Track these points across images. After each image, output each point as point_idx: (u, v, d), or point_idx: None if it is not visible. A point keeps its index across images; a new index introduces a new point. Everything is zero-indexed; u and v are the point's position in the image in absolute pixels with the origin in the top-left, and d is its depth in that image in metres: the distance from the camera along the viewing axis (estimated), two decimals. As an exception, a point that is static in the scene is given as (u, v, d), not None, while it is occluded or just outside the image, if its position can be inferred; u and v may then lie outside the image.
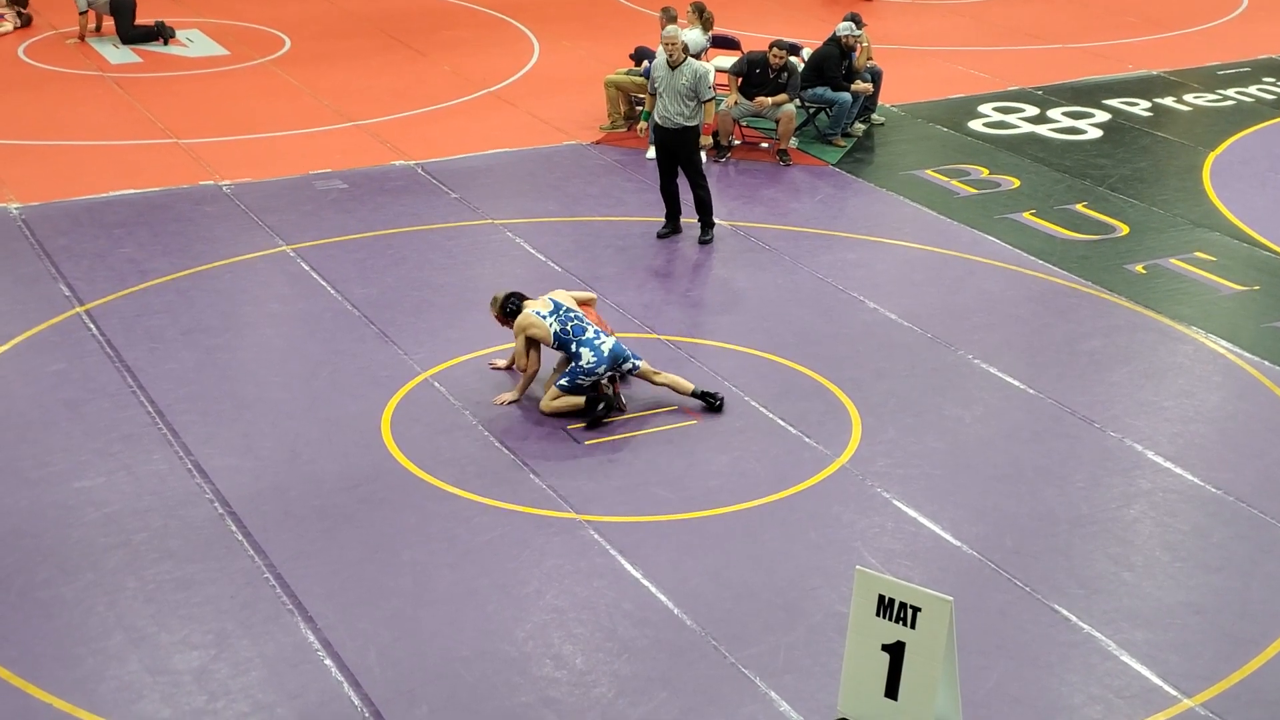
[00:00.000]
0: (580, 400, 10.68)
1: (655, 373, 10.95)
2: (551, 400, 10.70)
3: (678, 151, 13.78)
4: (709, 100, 13.68)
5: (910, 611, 7.18)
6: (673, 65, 13.58)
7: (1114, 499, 10.02)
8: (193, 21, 20.69)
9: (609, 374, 10.76)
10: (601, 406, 10.65)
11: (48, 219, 13.90)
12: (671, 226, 14.07)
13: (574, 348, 10.66)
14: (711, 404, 10.88)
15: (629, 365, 10.82)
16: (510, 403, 10.85)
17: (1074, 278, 13.45)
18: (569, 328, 10.71)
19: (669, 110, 13.64)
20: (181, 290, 12.58)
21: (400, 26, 20.99)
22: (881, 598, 7.25)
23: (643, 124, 13.95)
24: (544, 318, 10.75)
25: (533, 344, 10.83)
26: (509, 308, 10.96)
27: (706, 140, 13.55)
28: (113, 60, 18.91)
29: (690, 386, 10.95)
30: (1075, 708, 8.05)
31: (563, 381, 10.70)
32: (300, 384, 11.19)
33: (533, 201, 14.88)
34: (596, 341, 10.68)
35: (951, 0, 23.30)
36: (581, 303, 11.18)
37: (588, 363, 10.61)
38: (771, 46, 16.12)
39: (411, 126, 16.83)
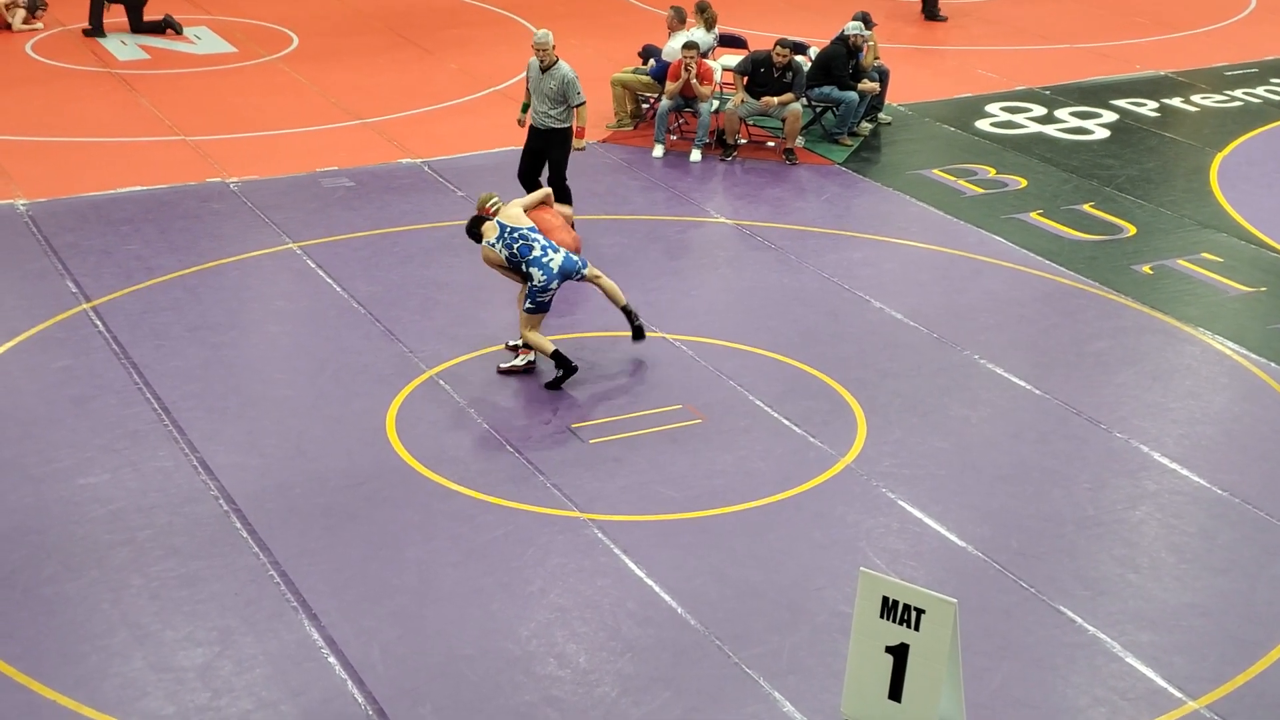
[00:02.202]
0: (549, 347, 11.13)
1: (598, 275, 11.44)
2: (525, 327, 11.18)
3: (545, 152, 13.84)
4: (579, 105, 13.66)
5: (914, 613, 7.17)
6: (544, 69, 13.62)
7: (1120, 500, 10.01)
8: (201, 18, 20.70)
9: (560, 287, 11.24)
10: (560, 374, 11.12)
11: (54, 215, 13.91)
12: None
13: (524, 268, 11.08)
14: (632, 321, 11.45)
15: (578, 275, 11.28)
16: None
17: (1081, 278, 13.43)
18: (515, 249, 11.10)
19: (539, 111, 13.72)
20: (188, 287, 12.59)
21: (408, 24, 21.00)
22: (885, 599, 7.24)
23: (521, 116, 14.09)
24: (493, 246, 11.19)
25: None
26: (473, 235, 11.48)
27: (580, 144, 13.73)
28: (120, 57, 18.92)
29: (623, 300, 11.47)
30: (1080, 710, 8.04)
31: (528, 304, 11.12)
32: (306, 381, 11.19)
33: (539, 200, 14.86)
34: (544, 259, 11.05)
35: (959, 0, 23.26)
36: (539, 204, 11.75)
37: (539, 281, 11.02)
38: (776, 45, 16.11)
39: (418, 124, 16.83)
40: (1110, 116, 18.07)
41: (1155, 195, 15.58)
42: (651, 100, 16.95)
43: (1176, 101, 18.82)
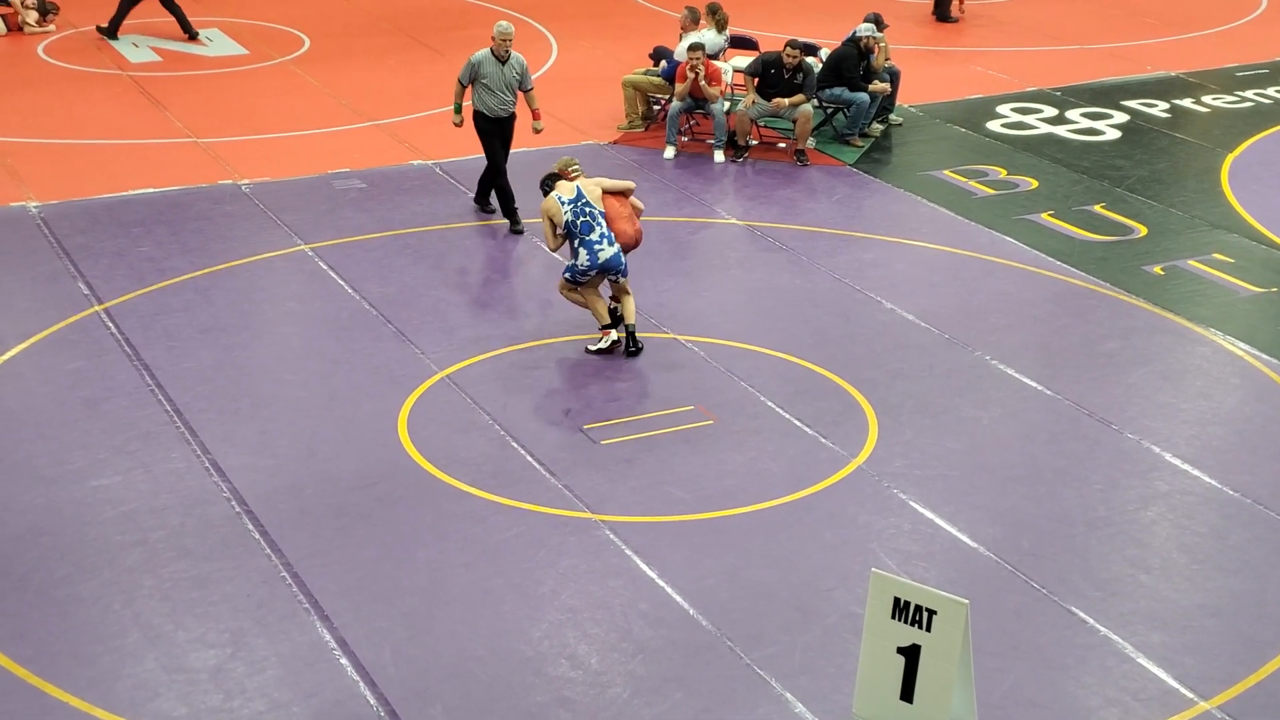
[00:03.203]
0: (603, 310, 11.58)
1: (626, 292, 11.75)
2: (563, 290, 11.71)
3: (508, 139, 14.14)
4: (530, 89, 14.11)
5: (925, 614, 7.18)
6: (503, 60, 13.88)
7: (1131, 501, 10.00)
8: (212, 21, 20.73)
9: (600, 276, 11.63)
10: (605, 344, 11.57)
11: (67, 217, 13.94)
12: (516, 222, 14.12)
13: (575, 243, 11.48)
14: (631, 342, 11.65)
15: (614, 276, 11.64)
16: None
17: (1092, 279, 13.42)
18: (579, 222, 11.47)
19: (501, 102, 13.95)
20: (200, 289, 12.62)
21: (419, 26, 21.02)
22: (897, 600, 7.25)
23: (456, 118, 14.22)
24: (563, 204, 11.51)
25: (556, 226, 11.60)
26: (545, 186, 11.79)
27: (539, 125, 14.32)
28: (132, 59, 18.97)
29: (632, 321, 11.70)
30: (1092, 710, 8.03)
31: (566, 274, 11.64)
32: (317, 383, 11.21)
33: (550, 201, 14.88)
34: (596, 246, 11.42)
35: (970, 1, 23.24)
36: (616, 192, 11.89)
37: (581, 263, 11.48)
38: (786, 46, 16.11)
39: (429, 126, 16.84)
40: (1121, 117, 18.05)
41: (1166, 196, 15.56)
42: (663, 102, 16.96)
43: (1187, 102, 18.80)
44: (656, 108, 17.14)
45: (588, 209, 11.50)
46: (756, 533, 9.48)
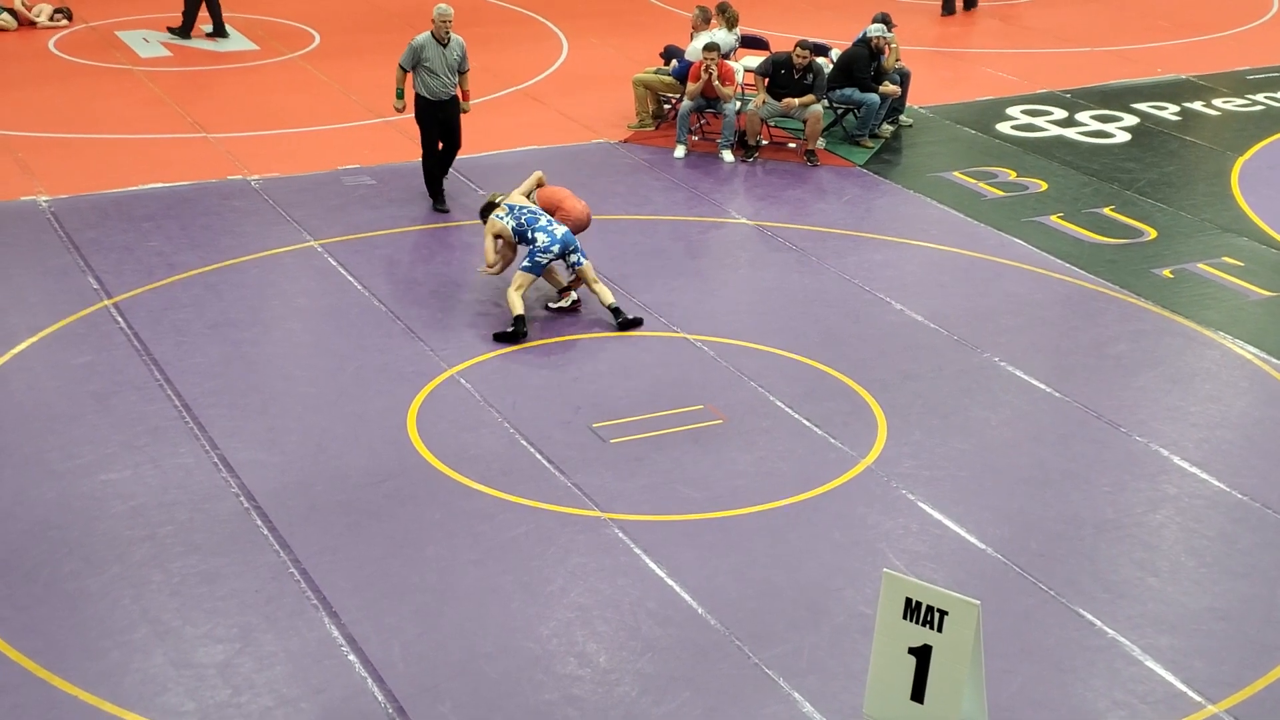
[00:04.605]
0: (519, 309, 11.91)
1: (594, 280, 12.24)
2: (514, 288, 12.04)
3: (449, 121, 14.39)
4: (467, 72, 14.44)
5: (937, 615, 7.17)
6: (444, 43, 14.15)
7: (1140, 503, 9.99)
8: (224, 17, 20.71)
9: (559, 258, 12.18)
10: (510, 332, 11.88)
11: (77, 212, 13.96)
12: (442, 201, 14.52)
13: (530, 234, 12.14)
14: (620, 318, 12.09)
15: (574, 258, 12.16)
16: (489, 269, 12.43)
17: (1101, 281, 13.41)
18: (523, 220, 12.24)
19: (443, 84, 14.20)
20: (209, 284, 12.63)
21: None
22: (909, 601, 7.25)
23: (398, 103, 14.43)
24: (503, 219, 12.29)
25: (500, 239, 12.35)
26: (485, 213, 12.62)
27: (466, 106, 14.68)
28: (142, 54, 18.98)
29: (610, 300, 12.17)
30: (1100, 713, 8.03)
31: (525, 264, 12.09)
32: (326, 379, 11.22)
33: (560, 199, 14.87)
34: (550, 228, 12.17)
35: (980, 3, 23.21)
36: (536, 186, 12.80)
37: (542, 244, 12.07)
38: (796, 46, 16.11)
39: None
40: (1131, 120, 18.03)
41: (1176, 199, 15.55)
42: (673, 101, 16.96)
43: (1197, 105, 18.77)
44: (667, 107, 17.13)
45: (524, 210, 12.30)
46: (765, 532, 9.48)
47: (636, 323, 12.16)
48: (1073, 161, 16.51)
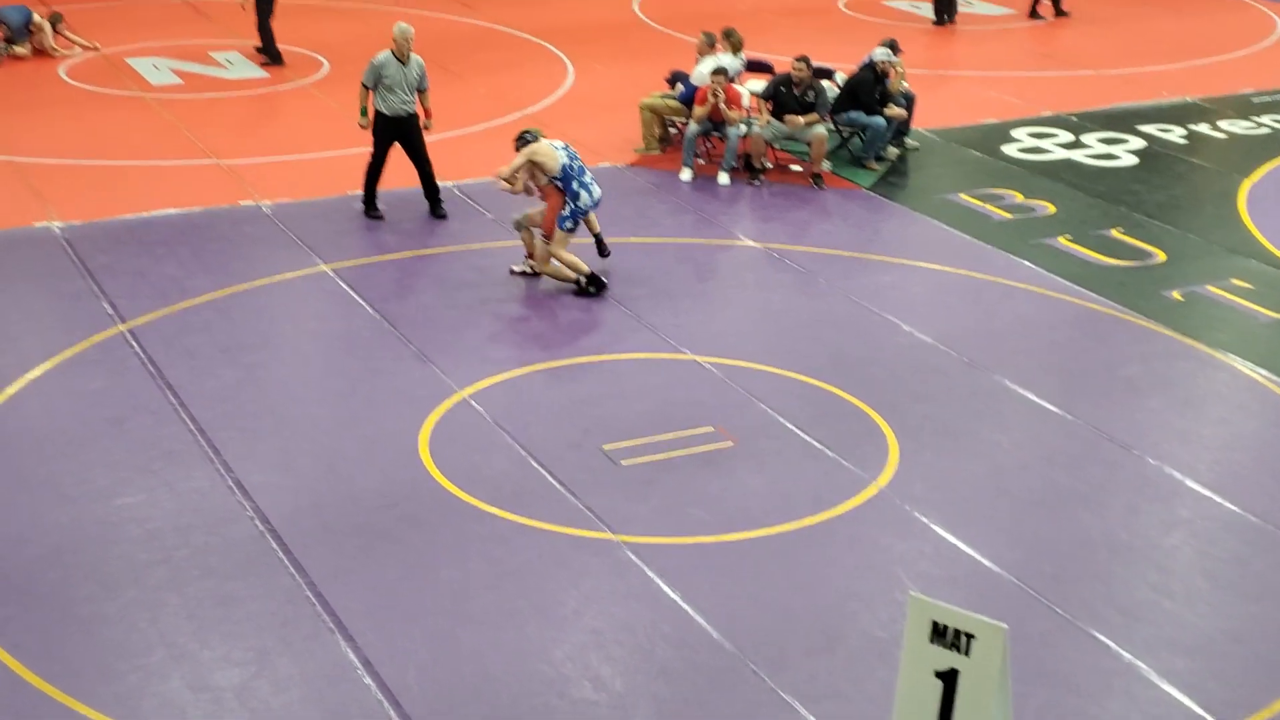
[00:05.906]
0: (583, 266, 12.64)
1: (591, 222, 13.15)
2: (560, 245, 12.65)
3: (408, 137, 14.73)
4: (426, 90, 14.87)
5: (965, 639, 7.16)
6: (404, 61, 14.61)
7: (1153, 526, 10.00)
8: (233, 44, 20.82)
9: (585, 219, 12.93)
10: (589, 284, 12.67)
11: (90, 238, 14.01)
12: (375, 209, 14.85)
13: (574, 186, 12.50)
14: (603, 251, 13.21)
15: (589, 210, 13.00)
16: (507, 186, 12.94)
17: (1111, 303, 13.43)
18: (575, 165, 12.64)
19: (402, 101, 14.62)
20: (222, 308, 12.67)
21: (436, 49, 21.04)
22: (935, 624, 7.23)
23: (362, 120, 14.79)
24: (559, 151, 12.61)
25: (531, 169, 12.66)
26: (525, 138, 12.85)
27: (428, 123, 15.10)
28: (153, 81, 19.06)
29: (598, 229, 13.18)
30: (1115, 735, 8.03)
31: (569, 223, 12.59)
32: (339, 402, 11.25)
33: (569, 223, 14.92)
34: (591, 184, 12.73)
35: (985, 27, 23.31)
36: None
37: (584, 202, 12.63)
38: (794, 62, 16.19)
39: (448, 148, 16.88)
40: (1138, 143, 18.08)
41: (1184, 221, 15.58)
42: (679, 124, 17.02)
43: (1204, 128, 18.83)
44: (673, 130, 17.19)
45: (578, 158, 12.72)
46: (778, 555, 9.49)
47: (603, 286, 12.88)
48: (1080, 184, 16.56)
